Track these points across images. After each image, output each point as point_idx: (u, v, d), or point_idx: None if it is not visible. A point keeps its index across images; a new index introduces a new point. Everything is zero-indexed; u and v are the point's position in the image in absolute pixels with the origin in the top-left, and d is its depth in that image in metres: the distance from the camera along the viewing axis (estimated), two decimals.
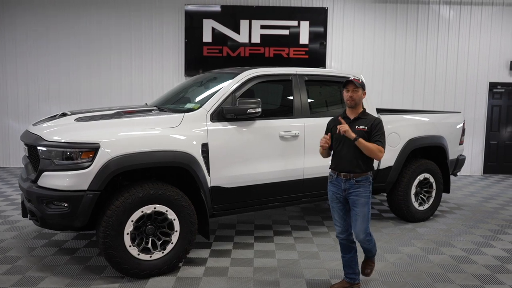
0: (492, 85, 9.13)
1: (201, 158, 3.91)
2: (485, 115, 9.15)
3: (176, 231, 3.77)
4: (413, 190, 5.44)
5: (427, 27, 8.89)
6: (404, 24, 8.85)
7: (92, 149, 3.46)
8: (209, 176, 4.00)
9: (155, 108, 4.54)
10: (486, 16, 8.91)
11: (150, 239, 3.71)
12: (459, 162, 6.12)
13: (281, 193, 4.53)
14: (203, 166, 3.93)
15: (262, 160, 4.32)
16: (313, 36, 8.74)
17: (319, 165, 4.57)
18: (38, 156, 3.63)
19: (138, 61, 8.71)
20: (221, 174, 4.08)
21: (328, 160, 3.52)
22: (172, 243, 3.76)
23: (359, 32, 8.82)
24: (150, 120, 3.93)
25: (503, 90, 9.26)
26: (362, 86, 3.37)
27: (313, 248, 4.52)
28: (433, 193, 5.63)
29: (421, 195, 5.58)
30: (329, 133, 3.41)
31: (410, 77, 8.94)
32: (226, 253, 4.35)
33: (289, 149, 4.48)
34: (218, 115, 4.09)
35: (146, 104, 5.27)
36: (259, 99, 4.12)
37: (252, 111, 4.08)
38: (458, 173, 6.33)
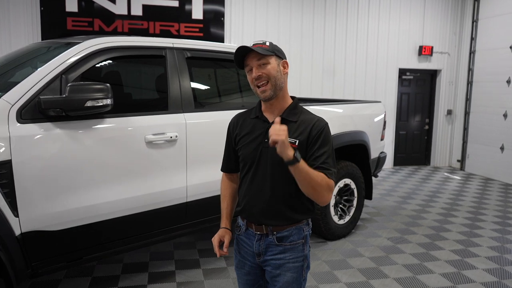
0: (401, 72, 8.55)
1: None
2: (395, 103, 8.56)
3: None
4: (332, 200, 4.33)
5: (336, 7, 7.92)
6: (312, 2, 7.78)
7: None
8: (17, 216, 2.35)
9: None
10: None
11: None
12: (381, 160, 5.18)
13: (153, 227, 3.02)
14: (2, 202, 2.27)
15: (117, 180, 2.76)
16: (209, 11, 7.23)
17: (209, 181, 3.18)
18: None
19: None
20: (40, 211, 2.43)
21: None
22: None
23: (262, 9, 7.53)
24: None
25: (412, 77, 8.75)
26: (274, 51, 1.76)
27: None
28: (355, 202, 4.59)
29: (340, 206, 4.50)
30: (223, 231, 1.89)
31: (319, 62, 7.93)
32: None
33: (163, 160, 2.98)
34: (33, 112, 2.43)
35: None
36: (108, 84, 2.56)
37: (95, 103, 2.50)
38: (378, 174, 5.41)
